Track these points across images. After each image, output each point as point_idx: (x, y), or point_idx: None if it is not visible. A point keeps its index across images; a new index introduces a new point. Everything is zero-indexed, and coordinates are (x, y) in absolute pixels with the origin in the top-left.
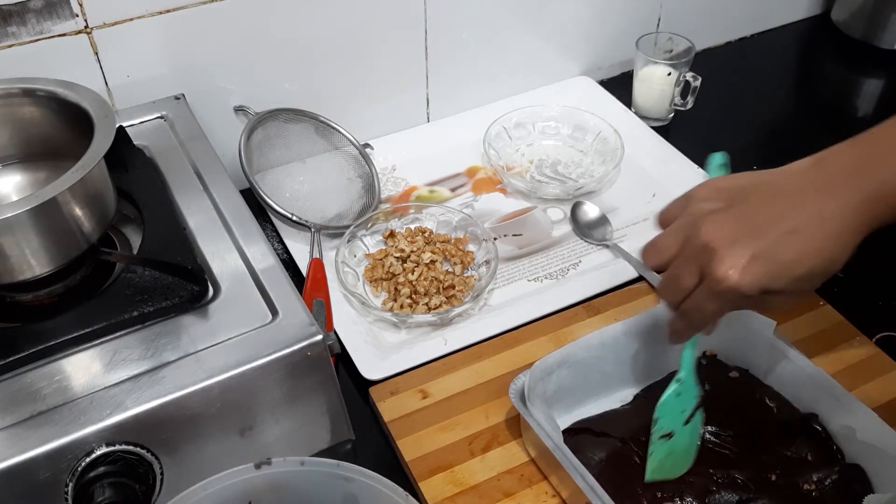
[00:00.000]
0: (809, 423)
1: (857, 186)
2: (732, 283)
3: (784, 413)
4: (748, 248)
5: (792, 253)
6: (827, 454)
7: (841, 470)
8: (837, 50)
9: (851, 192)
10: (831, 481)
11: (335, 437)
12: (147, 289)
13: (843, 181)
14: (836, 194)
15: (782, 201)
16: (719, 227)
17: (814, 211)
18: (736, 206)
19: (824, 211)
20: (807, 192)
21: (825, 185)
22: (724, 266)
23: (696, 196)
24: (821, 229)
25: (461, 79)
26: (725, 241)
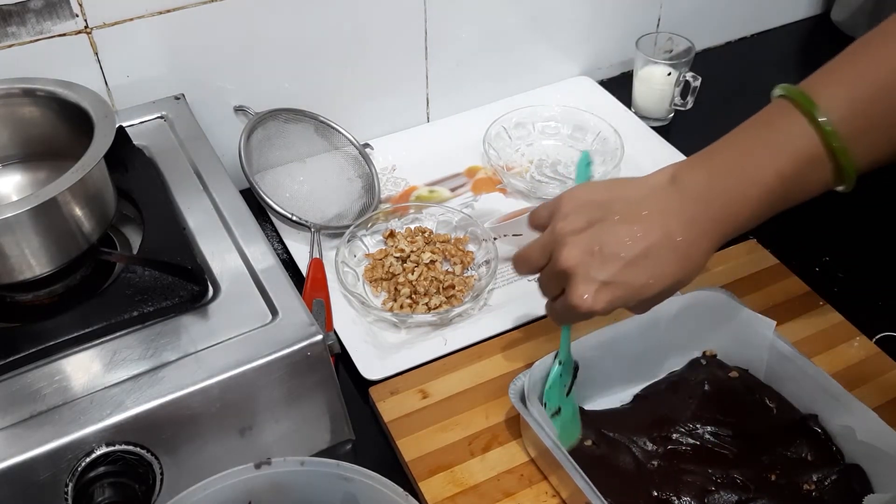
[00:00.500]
0: (809, 424)
1: (706, 208)
2: (586, 307)
3: (784, 413)
4: (600, 274)
5: (643, 278)
6: (827, 454)
7: (841, 470)
8: (837, 50)
9: (701, 215)
10: (831, 481)
11: (335, 437)
12: (147, 289)
13: (692, 203)
14: (687, 217)
15: (636, 222)
16: (575, 253)
17: (665, 234)
18: (593, 225)
19: (675, 233)
20: (659, 214)
21: (677, 207)
22: (578, 292)
23: (561, 210)
24: (671, 252)
25: (461, 79)
26: (580, 267)
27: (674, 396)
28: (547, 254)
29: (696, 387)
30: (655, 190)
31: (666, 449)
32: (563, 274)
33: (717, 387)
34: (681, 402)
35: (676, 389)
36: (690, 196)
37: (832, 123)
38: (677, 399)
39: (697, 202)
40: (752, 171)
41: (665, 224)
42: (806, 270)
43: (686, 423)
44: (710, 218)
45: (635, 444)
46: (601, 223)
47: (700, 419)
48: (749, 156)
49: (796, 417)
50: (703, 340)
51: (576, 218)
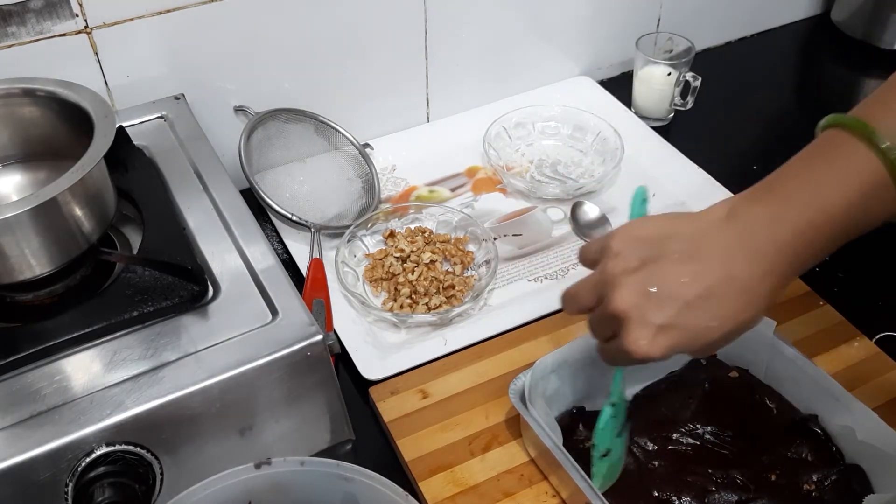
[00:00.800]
0: (809, 425)
1: (771, 241)
2: (642, 353)
3: (784, 413)
4: (657, 318)
5: (704, 320)
6: (827, 455)
7: (841, 470)
8: (837, 50)
9: (765, 248)
10: (831, 482)
11: (335, 437)
12: (147, 289)
13: (755, 237)
14: (750, 252)
15: (695, 260)
16: (629, 295)
17: (726, 272)
18: (647, 265)
19: (738, 271)
20: (720, 250)
21: (738, 243)
22: (633, 337)
23: (612, 248)
24: (734, 291)
25: (461, 79)
26: (634, 310)
27: (674, 396)
28: (597, 294)
29: (696, 387)
30: (713, 225)
31: (666, 449)
32: (616, 317)
33: (717, 387)
34: (681, 402)
35: (676, 389)
36: (753, 230)
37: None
38: (677, 399)
39: (761, 236)
40: (818, 201)
41: (726, 261)
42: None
43: (686, 423)
44: (775, 251)
45: (635, 444)
46: (656, 262)
47: (700, 419)
48: (813, 185)
49: (796, 418)
50: None
51: (628, 256)
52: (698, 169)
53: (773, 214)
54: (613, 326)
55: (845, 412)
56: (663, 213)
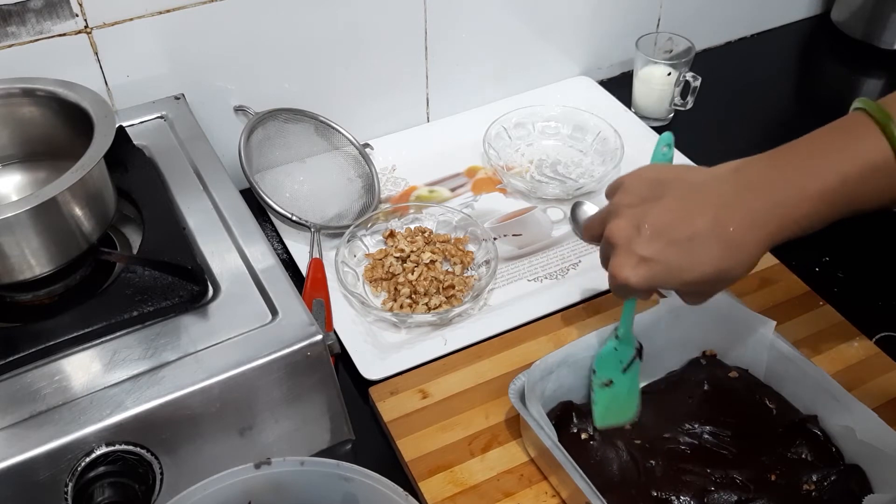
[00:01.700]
0: (808, 427)
1: (761, 197)
2: (621, 278)
3: (784, 414)
4: (641, 250)
5: (683, 260)
6: (826, 455)
7: (841, 471)
8: (837, 50)
9: (755, 203)
10: (831, 482)
11: (335, 437)
12: (147, 289)
13: (749, 194)
14: (740, 206)
15: (690, 204)
16: (623, 225)
17: (714, 220)
18: (648, 202)
19: (725, 221)
20: (714, 200)
21: (732, 195)
22: (616, 263)
23: (624, 184)
24: (718, 240)
25: (461, 79)
26: (623, 239)
27: (673, 396)
28: (604, 224)
29: (695, 387)
30: (716, 177)
31: (665, 448)
32: (608, 243)
33: (716, 387)
34: (680, 402)
35: (676, 389)
36: (748, 184)
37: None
38: (676, 399)
39: (754, 191)
40: (813, 167)
41: (718, 209)
42: (806, 270)
43: (685, 423)
44: (764, 208)
45: (634, 443)
46: (655, 201)
47: (699, 419)
48: (814, 154)
49: (796, 418)
50: (703, 340)
51: (634, 192)
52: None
53: (773, 174)
54: (606, 253)
55: (845, 412)
56: (681, 164)
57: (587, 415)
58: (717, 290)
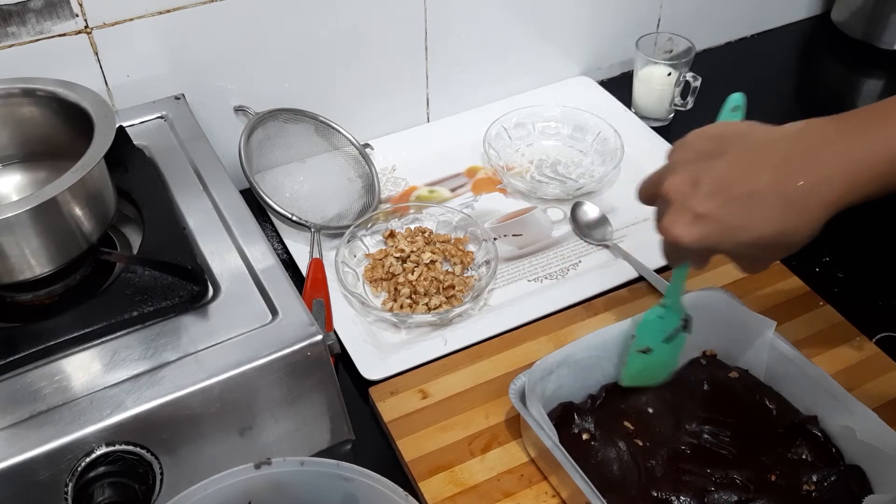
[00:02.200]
0: (808, 428)
1: (827, 159)
2: (672, 236)
3: (784, 414)
4: (697, 207)
5: (739, 219)
6: (826, 455)
7: (840, 471)
8: (837, 50)
9: (820, 165)
10: (831, 482)
11: (335, 437)
12: (147, 289)
13: (814, 151)
14: (809, 163)
15: (751, 162)
16: (679, 181)
17: (775, 178)
18: (709, 159)
19: (790, 178)
20: (778, 157)
21: (800, 152)
22: (668, 219)
23: (686, 140)
24: (778, 199)
25: (461, 79)
26: (679, 195)
27: (673, 396)
28: (661, 181)
29: (695, 387)
30: (782, 134)
31: (665, 449)
32: (663, 199)
33: (716, 387)
34: (680, 402)
35: (676, 389)
36: (816, 145)
37: None
38: (677, 399)
39: (821, 152)
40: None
41: (780, 168)
42: (806, 270)
43: (685, 424)
44: (828, 171)
45: (635, 443)
46: (713, 157)
47: (699, 419)
48: (885, 118)
49: (796, 419)
50: (703, 340)
51: (694, 149)
52: None
53: (839, 136)
54: (660, 209)
55: (845, 412)
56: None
57: (587, 414)
58: (775, 257)
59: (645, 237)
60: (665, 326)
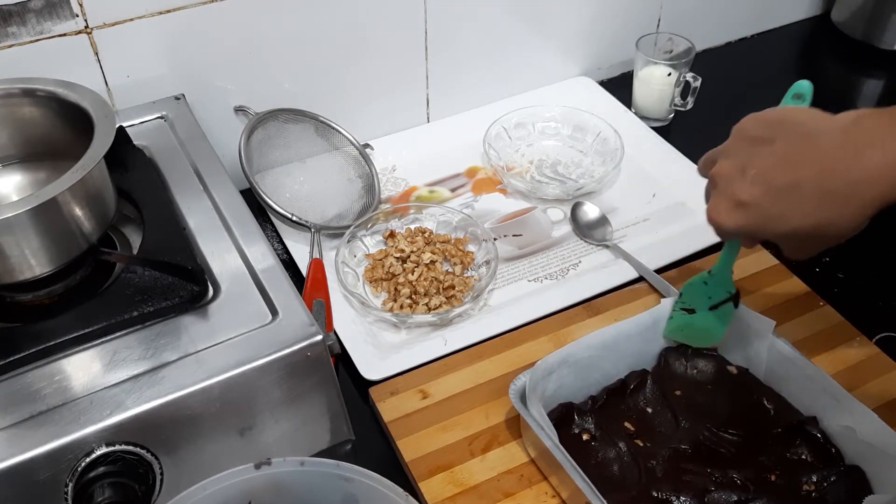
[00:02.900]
0: (807, 428)
1: (879, 152)
2: (715, 220)
3: (783, 414)
4: (740, 193)
5: (780, 208)
6: (826, 455)
7: (840, 471)
8: (837, 50)
9: (868, 162)
10: (830, 482)
11: (335, 437)
12: (147, 289)
13: (865, 143)
14: (855, 156)
15: (799, 150)
16: (728, 166)
17: (822, 170)
18: (759, 145)
19: (834, 171)
20: (826, 148)
21: (848, 146)
22: (712, 204)
23: (742, 124)
24: (822, 190)
25: (461, 79)
26: (724, 180)
27: (674, 396)
28: (714, 162)
29: (696, 387)
30: (835, 125)
31: (665, 449)
32: (711, 182)
33: (716, 387)
34: (680, 401)
35: (676, 389)
36: (867, 138)
37: None
38: (677, 399)
39: (872, 145)
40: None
41: (827, 159)
42: (806, 270)
43: (686, 423)
44: (878, 164)
45: (635, 444)
46: (763, 144)
47: (700, 420)
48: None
49: (795, 419)
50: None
51: (747, 133)
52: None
53: (889, 126)
54: (708, 190)
55: (845, 413)
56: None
57: (587, 414)
58: (820, 247)
59: (645, 237)
60: (710, 293)
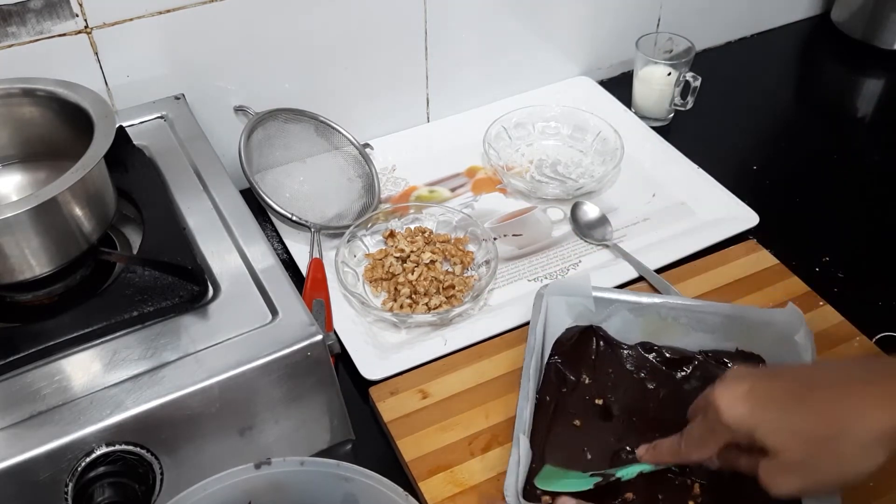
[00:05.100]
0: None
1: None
2: (718, 406)
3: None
4: (750, 383)
5: (787, 400)
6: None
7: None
8: (837, 50)
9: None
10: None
11: (335, 437)
12: (147, 289)
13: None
14: (875, 385)
15: (814, 364)
16: (743, 366)
17: (840, 373)
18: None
19: (853, 378)
20: (846, 363)
21: (867, 374)
22: (719, 388)
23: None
24: (838, 391)
25: (461, 79)
26: (736, 373)
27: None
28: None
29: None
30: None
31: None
32: (713, 388)
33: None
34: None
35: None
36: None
37: None
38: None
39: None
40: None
41: (840, 377)
42: (806, 270)
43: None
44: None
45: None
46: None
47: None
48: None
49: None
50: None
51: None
52: (698, 169)
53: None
54: (707, 397)
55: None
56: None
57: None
58: (824, 483)
59: (645, 237)
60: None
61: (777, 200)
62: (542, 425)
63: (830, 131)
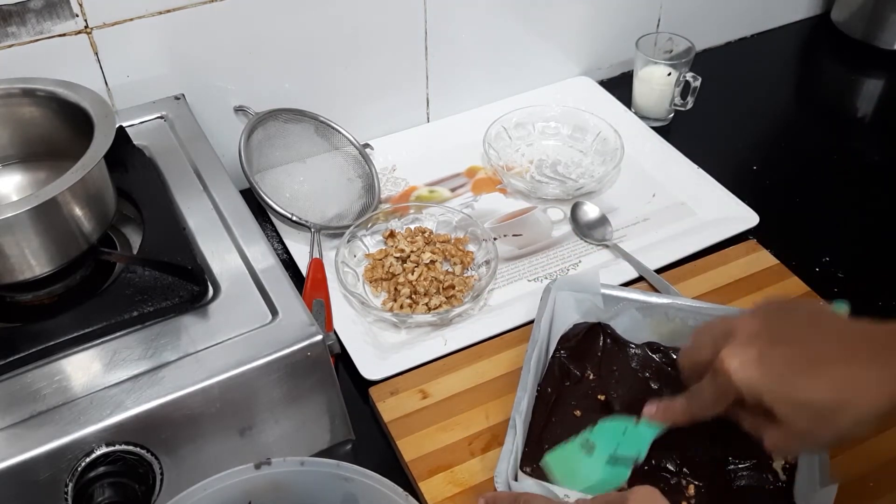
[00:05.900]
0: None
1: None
2: (727, 369)
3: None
4: (760, 348)
5: (796, 369)
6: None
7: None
8: (837, 50)
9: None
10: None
11: (335, 437)
12: (147, 289)
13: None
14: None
15: (822, 328)
16: (751, 322)
17: (847, 346)
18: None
19: (859, 352)
20: (853, 333)
21: (871, 345)
22: (729, 350)
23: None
24: (844, 366)
25: (461, 79)
26: (745, 334)
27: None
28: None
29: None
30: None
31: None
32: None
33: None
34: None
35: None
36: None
37: None
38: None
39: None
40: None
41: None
42: (806, 270)
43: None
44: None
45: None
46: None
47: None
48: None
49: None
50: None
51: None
52: (698, 169)
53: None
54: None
55: None
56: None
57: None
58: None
59: (645, 237)
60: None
61: (777, 200)
62: (541, 414)
63: (830, 131)
